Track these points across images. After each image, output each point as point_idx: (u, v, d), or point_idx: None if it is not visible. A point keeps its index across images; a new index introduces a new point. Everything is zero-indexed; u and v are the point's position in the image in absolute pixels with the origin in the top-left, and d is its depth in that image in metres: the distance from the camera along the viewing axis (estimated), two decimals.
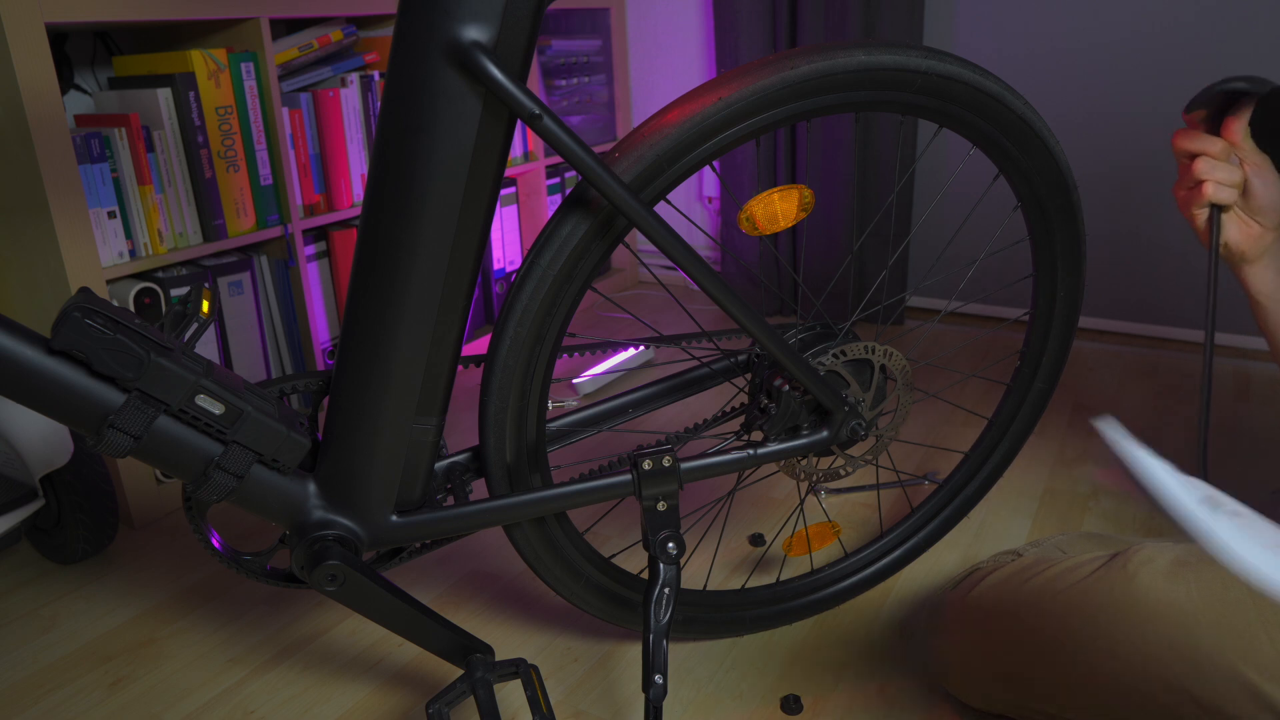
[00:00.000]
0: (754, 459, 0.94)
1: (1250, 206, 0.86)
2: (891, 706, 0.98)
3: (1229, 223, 0.87)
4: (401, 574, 1.26)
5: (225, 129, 1.48)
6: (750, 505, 1.40)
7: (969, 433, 1.59)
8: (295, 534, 0.83)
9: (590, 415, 1.00)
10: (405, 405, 0.81)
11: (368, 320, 0.79)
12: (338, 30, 1.68)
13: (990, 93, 0.90)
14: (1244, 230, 0.87)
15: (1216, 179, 0.84)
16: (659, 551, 0.85)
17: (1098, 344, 1.97)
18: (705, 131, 0.82)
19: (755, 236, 2.01)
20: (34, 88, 1.19)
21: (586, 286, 0.84)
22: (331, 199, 1.69)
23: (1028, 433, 1.14)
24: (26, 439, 1.13)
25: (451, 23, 0.69)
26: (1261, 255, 0.87)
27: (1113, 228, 1.96)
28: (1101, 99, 1.90)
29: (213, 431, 0.76)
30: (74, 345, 0.69)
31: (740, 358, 1.02)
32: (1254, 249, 0.87)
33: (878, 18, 1.93)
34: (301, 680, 1.07)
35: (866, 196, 2.06)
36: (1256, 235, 0.86)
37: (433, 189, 0.74)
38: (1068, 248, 1.02)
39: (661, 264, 2.57)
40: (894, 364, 0.99)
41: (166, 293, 1.44)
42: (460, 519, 0.86)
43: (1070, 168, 1.08)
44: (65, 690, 1.07)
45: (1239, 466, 1.43)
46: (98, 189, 1.33)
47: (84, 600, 1.23)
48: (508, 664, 0.88)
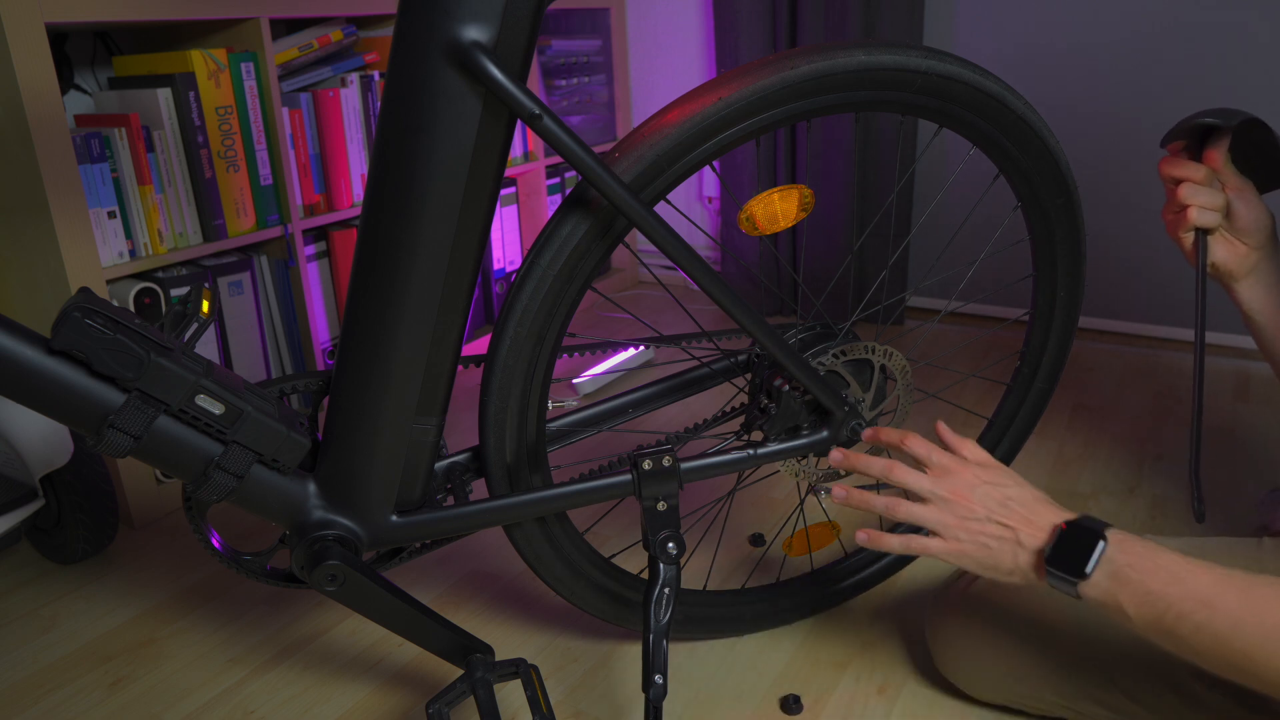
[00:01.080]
0: (754, 459, 0.94)
1: (1235, 228, 0.89)
2: (891, 706, 0.98)
3: (1216, 244, 0.90)
4: (401, 574, 1.26)
5: (225, 129, 1.48)
6: (750, 505, 1.40)
7: (969, 433, 1.59)
8: (295, 534, 0.83)
9: (590, 415, 1.00)
10: (405, 405, 0.81)
11: (368, 320, 0.79)
12: (338, 30, 1.68)
13: (990, 93, 0.90)
14: (1230, 250, 0.90)
15: (1199, 204, 0.87)
16: (659, 551, 0.85)
17: (1098, 344, 1.97)
18: (705, 131, 0.82)
19: (755, 236, 2.01)
20: (34, 88, 1.19)
21: (586, 286, 0.84)
22: (331, 199, 1.69)
23: (1028, 433, 1.14)
24: (26, 439, 1.13)
25: (451, 23, 0.69)
26: (1249, 273, 0.91)
27: (1113, 227, 1.96)
28: (1101, 99, 1.90)
29: (213, 431, 0.76)
30: (74, 345, 0.69)
31: (740, 358, 1.02)
32: (1241, 267, 0.90)
33: (878, 18, 1.93)
34: (301, 680, 1.07)
35: (866, 196, 2.06)
36: (1243, 254, 0.90)
37: (433, 189, 0.74)
38: (1068, 247, 1.02)
39: (661, 264, 2.57)
40: (894, 364, 0.99)
41: (166, 293, 1.44)
42: (460, 519, 0.86)
43: (1070, 167, 1.08)
44: (65, 690, 1.07)
45: (1238, 466, 1.43)
46: (98, 189, 1.33)
47: (84, 600, 1.23)
48: (508, 664, 0.88)
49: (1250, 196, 0.88)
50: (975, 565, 0.78)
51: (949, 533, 0.78)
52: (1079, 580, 0.70)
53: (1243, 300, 0.92)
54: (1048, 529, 0.74)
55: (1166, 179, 0.89)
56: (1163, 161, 0.90)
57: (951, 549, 0.78)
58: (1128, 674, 0.83)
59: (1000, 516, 0.76)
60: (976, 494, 0.77)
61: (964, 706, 0.97)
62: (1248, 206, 0.88)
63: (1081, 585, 0.70)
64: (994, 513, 0.76)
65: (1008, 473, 0.79)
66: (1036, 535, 0.74)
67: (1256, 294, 0.91)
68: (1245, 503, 1.32)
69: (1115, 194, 1.94)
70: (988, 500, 0.77)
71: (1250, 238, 0.89)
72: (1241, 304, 0.93)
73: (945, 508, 0.78)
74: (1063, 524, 0.73)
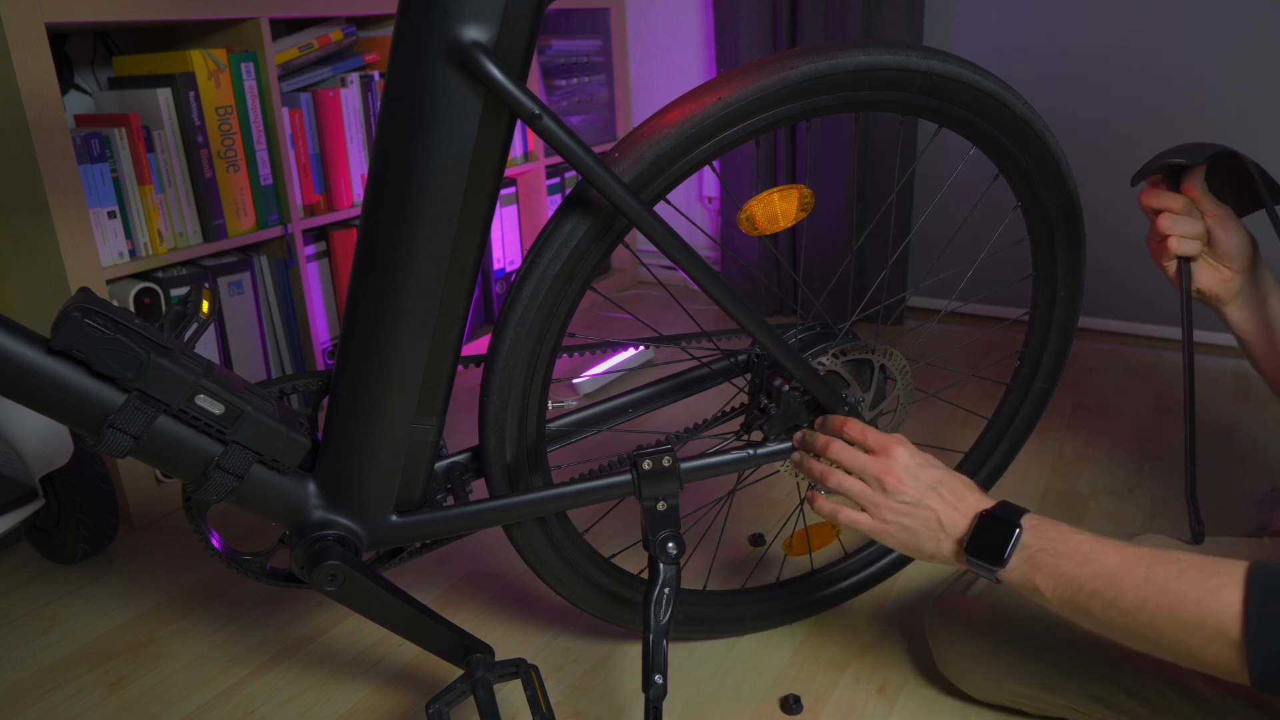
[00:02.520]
0: (754, 459, 0.94)
1: (1216, 253, 0.91)
2: (891, 706, 0.98)
3: (1200, 270, 0.92)
4: (401, 574, 1.26)
5: (225, 129, 1.48)
6: (750, 505, 1.40)
7: (969, 433, 1.59)
8: (295, 534, 0.83)
9: (590, 415, 1.00)
10: (405, 405, 0.81)
11: (368, 320, 0.79)
12: (338, 30, 1.68)
13: (990, 93, 0.90)
14: (1214, 275, 0.92)
15: (1179, 233, 0.90)
16: (659, 551, 0.85)
17: (1098, 344, 1.97)
18: (705, 131, 0.82)
19: (755, 236, 2.01)
20: (34, 88, 1.19)
21: (586, 286, 0.84)
22: (331, 199, 1.69)
23: (1028, 433, 1.14)
24: (26, 439, 1.13)
25: (451, 23, 0.69)
26: (1234, 296, 0.93)
27: (1113, 227, 1.96)
28: (1102, 98, 1.90)
29: (213, 431, 0.76)
30: (74, 345, 0.69)
31: (740, 358, 1.02)
32: (1226, 291, 0.92)
33: (878, 18, 1.93)
34: (301, 680, 1.07)
35: (866, 196, 2.06)
36: (1226, 279, 0.92)
37: (433, 189, 0.74)
38: (1068, 247, 1.02)
39: (661, 264, 2.57)
40: (894, 364, 0.99)
41: (166, 293, 1.44)
42: (460, 519, 0.86)
43: (1070, 167, 1.08)
44: (65, 690, 1.07)
45: (1238, 466, 1.43)
46: (98, 189, 1.33)
47: (84, 600, 1.23)
48: (508, 664, 0.88)
49: (1230, 222, 0.90)
50: (898, 545, 0.82)
51: (876, 511, 0.82)
52: (997, 568, 0.75)
53: (1231, 322, 0.94)
54: (970, 515, 0.79)
55: (1146, 209, 0.92)
56: (1142, 193, 0.92)
57: (877, 527, 0.82)
58: (1132, 674, 0.83)
59: (928, 500, 0.80)
60: (908, 475, 0.81)
61: (964, 707, 0.97)
62: (1228, 233, 0.90)
63: (1000, 571, 0.76)
64: (924, 495, 0.80)
65: (938, 462, 0.83)
66: (959, 522, 0.79)
67: (1244, 315, 0.94)
68: (1245, 503, 1.32)
69: (1116, 194, 1.94)
70: (918, 483, 0.81)
71: (1233, 262, 0.91)
72: (1231, 325, 0.95)
73: (875, 486, 0.82)
74: (983, 512, 0.78)
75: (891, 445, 0.83)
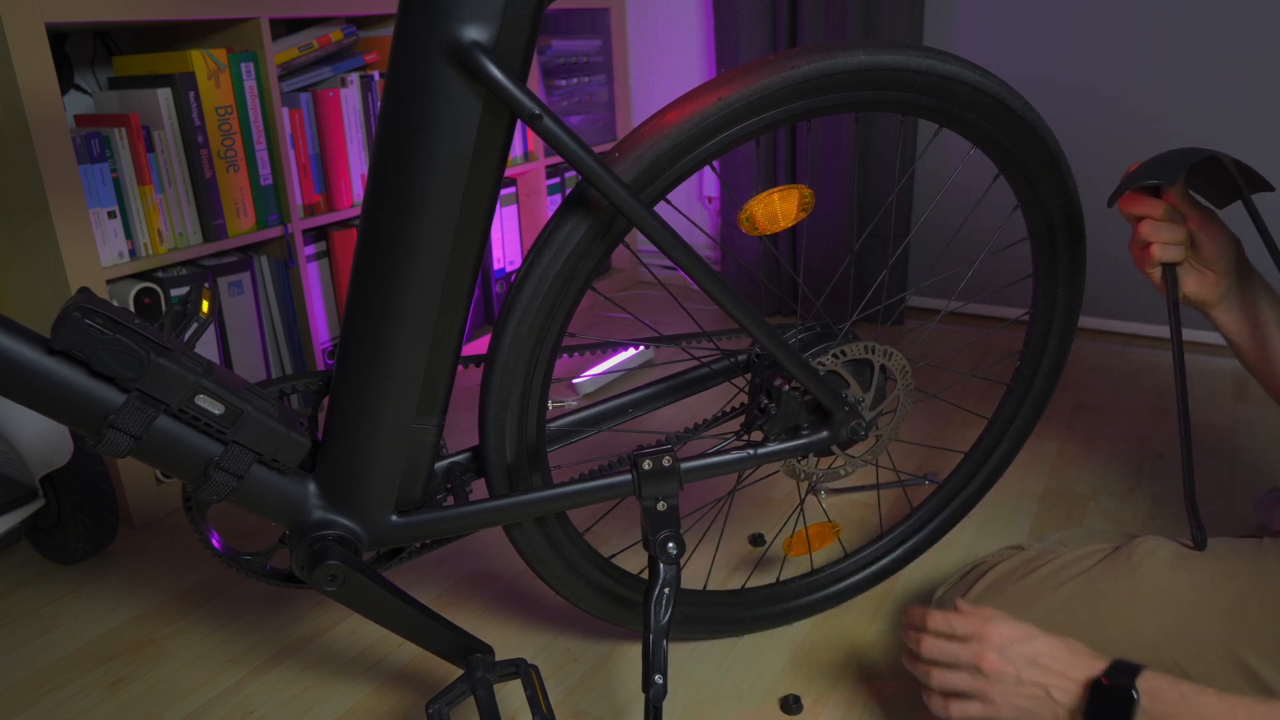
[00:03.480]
0: (754, 459, 0.94)
1: (1200, 258, 0.90)
2: (891, 706, 0.98)
3: (1185, 275, 0.91)
4: (401, 574, 1.26)
5: (225, 129, 1.48)
6: (750, 505, 1.40)
7: (969, 433, 1.59)
8: (295, 534, 0.83)
9: (590, 415, 1.00)
10: (405, 405, 0.81)
11: (368, 320, 0.79)
12: (338, 30, 1.68)
13: (990, 93, 0.90)
14: (1200, 280, 0.91)
15: (1161, 240, 0.89)
16: (659, 551, 0.85)
17: (1098, 344, 1.97)
18: (705, 131, 0.82)
19: (755, 236, 2.01)
20: (34, 88, 1.19)
21: (586, 286, 0.84)
22: (331, 199, 1.69)
23: (1028, 433, 1.14)
24: (26, 439, 1.13)
25: (451, 23, 0.69)
26: (1221, 300, 0.92)
27: (1113, 228, 1.96)
28: (1101, 98, 1.90)
29: (213, 431, 0.76)
30: (74, 345, 0.69)
31: (740, 358, 1.02)
32: (1212, 295, 0.91)
33: (878, 18, 1.93)
34: (301, 680, 1.07)
35: (866, 196, 2.06)
36: (1212, 283, 0.91)
37: (433, 189, 0.74)
38: (1068, 247, 1.02)
39: (661, 264, 2.57)
40: (894, 364, 0.99)
41: (166, 293, 1.44)
42: (460, 519, 0.86)
43: (1070, 168, 1.08)
44: (65, 690, 1.07)
45: (1238, 466, 1.43)
46: (98, 189, 1.33)
47: (84, 600, 1.23)
48: (508, 664, 0.88)
49: (1213, 226, 0.89)
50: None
51: (984, 697, 0.78)
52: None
53: (1220, 325, 0.93)
54: (1081, 682, 0.74)
55: (1128, 217, 0.91)
56: (1122, 200, 0.91)
57: (989, 712, 0.78)
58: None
59: (1031, 676, 0.76)
60: (1002, 658, 0.77)
61: None
62: (1212, 237, 0.89)
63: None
64: (1025, 672, 0.76)
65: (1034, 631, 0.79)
66: (1072, 690, 0.74)
67: (1232, 318, 0.92)
68: (1245, 503, 1.32)
69: None
70: (1017, 660, 0.77)
71: (1218, 266, 0.90)
72: (1220, 329, 0.94)
73: (975, 674, 0.78)
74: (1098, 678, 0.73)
75: (981, 627, 0.79)
